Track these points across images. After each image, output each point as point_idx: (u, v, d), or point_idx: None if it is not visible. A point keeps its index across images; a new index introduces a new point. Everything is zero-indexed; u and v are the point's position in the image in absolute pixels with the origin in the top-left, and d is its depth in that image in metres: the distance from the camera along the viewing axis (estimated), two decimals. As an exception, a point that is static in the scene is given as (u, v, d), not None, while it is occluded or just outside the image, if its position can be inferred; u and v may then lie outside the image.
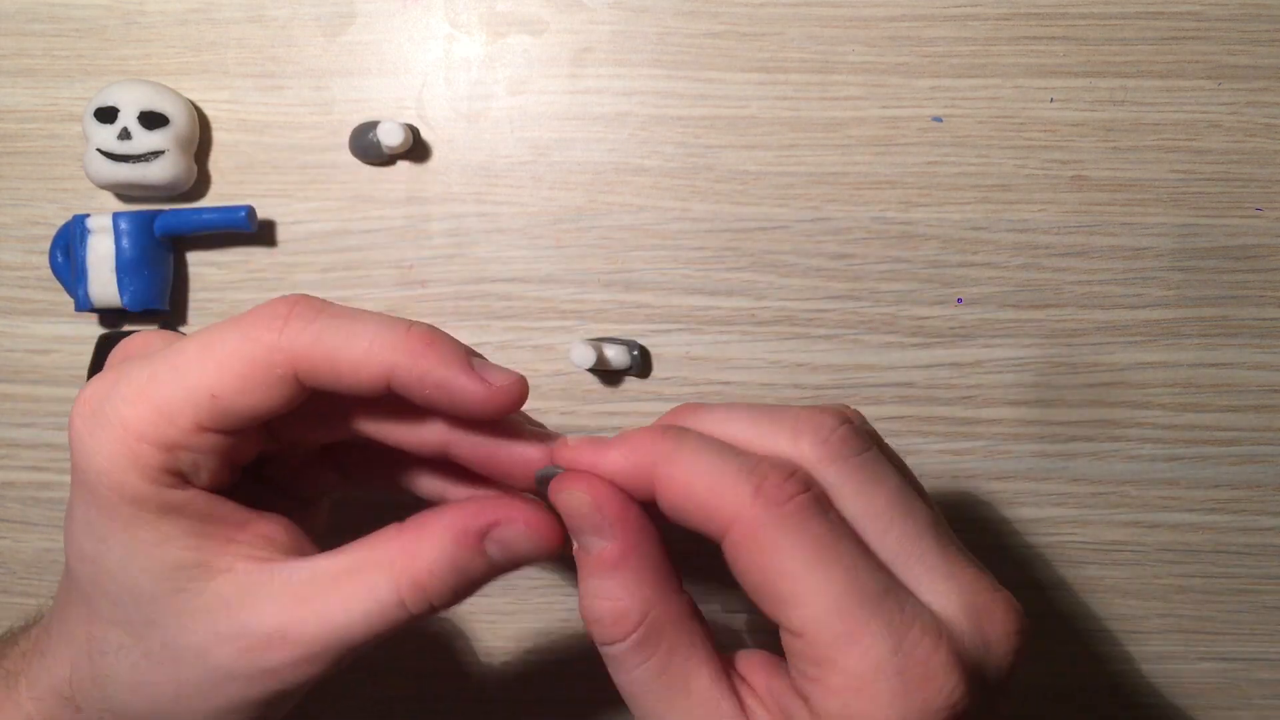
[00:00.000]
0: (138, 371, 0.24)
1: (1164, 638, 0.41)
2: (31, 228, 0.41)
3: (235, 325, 0.24)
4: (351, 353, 0.23)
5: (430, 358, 0.23)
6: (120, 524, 0.24)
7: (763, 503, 0.22)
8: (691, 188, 0.40)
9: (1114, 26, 0.39)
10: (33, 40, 0.40)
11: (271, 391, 0.24)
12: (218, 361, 0.24)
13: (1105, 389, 0.40)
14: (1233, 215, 0.40)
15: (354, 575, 0.25)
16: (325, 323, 0.24)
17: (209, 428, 0.24)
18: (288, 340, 0.23)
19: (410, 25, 0.40)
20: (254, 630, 0.24)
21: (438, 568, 0.24)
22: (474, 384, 0.24)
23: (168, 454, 0.24)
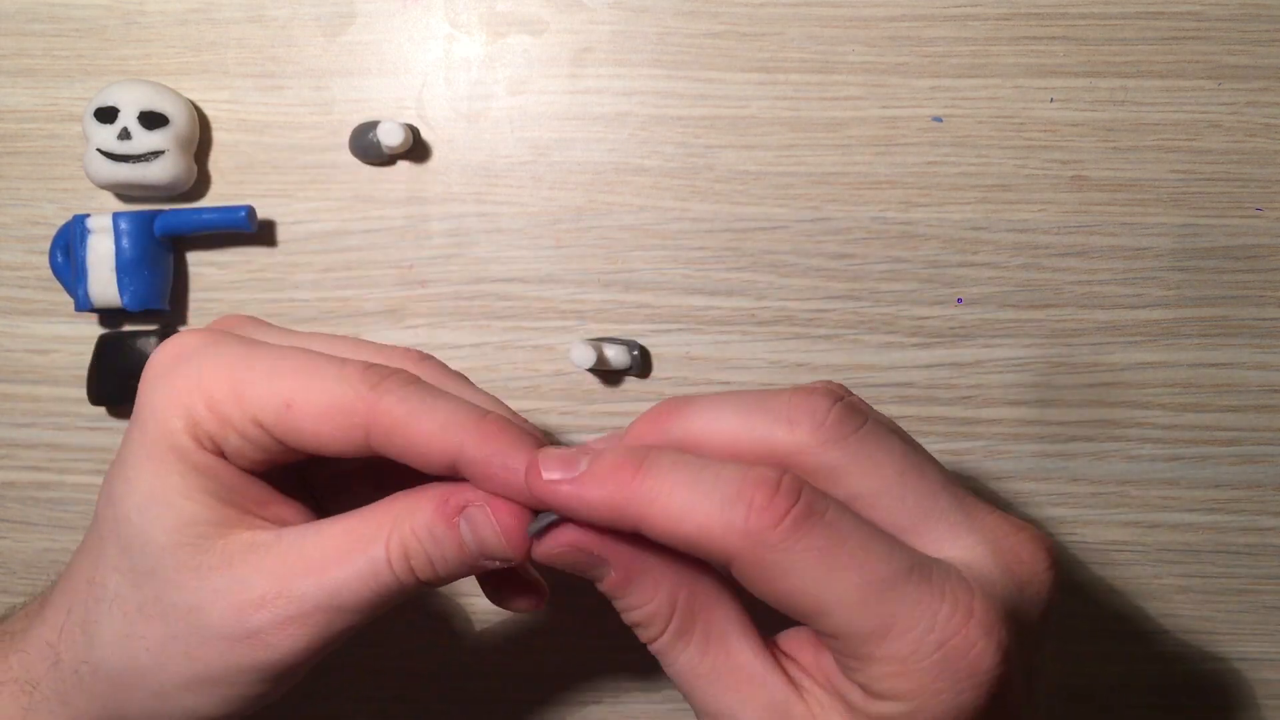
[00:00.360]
0: (238, 348, 0.26)
1: (1164, 638, 0.41)
2: (31, 228, 0.41)
3: (336, 364, 0.25)
4: (427, 426, 0.24)
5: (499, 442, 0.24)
6: (154, 465, 0.25)
7: (756, 532, 0.22)
8: (691, 188, 0.40)
9: (1114, 26, 0.39)
10: (33, 40, 0.40)
11: (338, 435, 0.25)
12: (306, 384, 0.25)
13: (1105, 389, 0.40)
14: (1233, 215, 0.40)
15: (351, 536, 0.25)
16: (412, 394, 0.25)
17: (267, 428, 0.25)
18: (375, 397, 0.24)
19: (410, 25, 0.40)
20: (249, 587, 0.25)
21: (420, 531, 0.25)
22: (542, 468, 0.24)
23: (221, 428, 0.25)
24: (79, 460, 0.41)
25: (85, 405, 0.40)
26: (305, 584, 0.25)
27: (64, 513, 0.41)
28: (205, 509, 0.25)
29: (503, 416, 0.25)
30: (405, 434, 0.24)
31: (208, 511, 0.25)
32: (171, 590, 0.25)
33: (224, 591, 0.25)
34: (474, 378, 0.40)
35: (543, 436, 0.26)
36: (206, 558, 0.25)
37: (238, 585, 0.25)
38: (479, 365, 0.40)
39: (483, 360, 0.40)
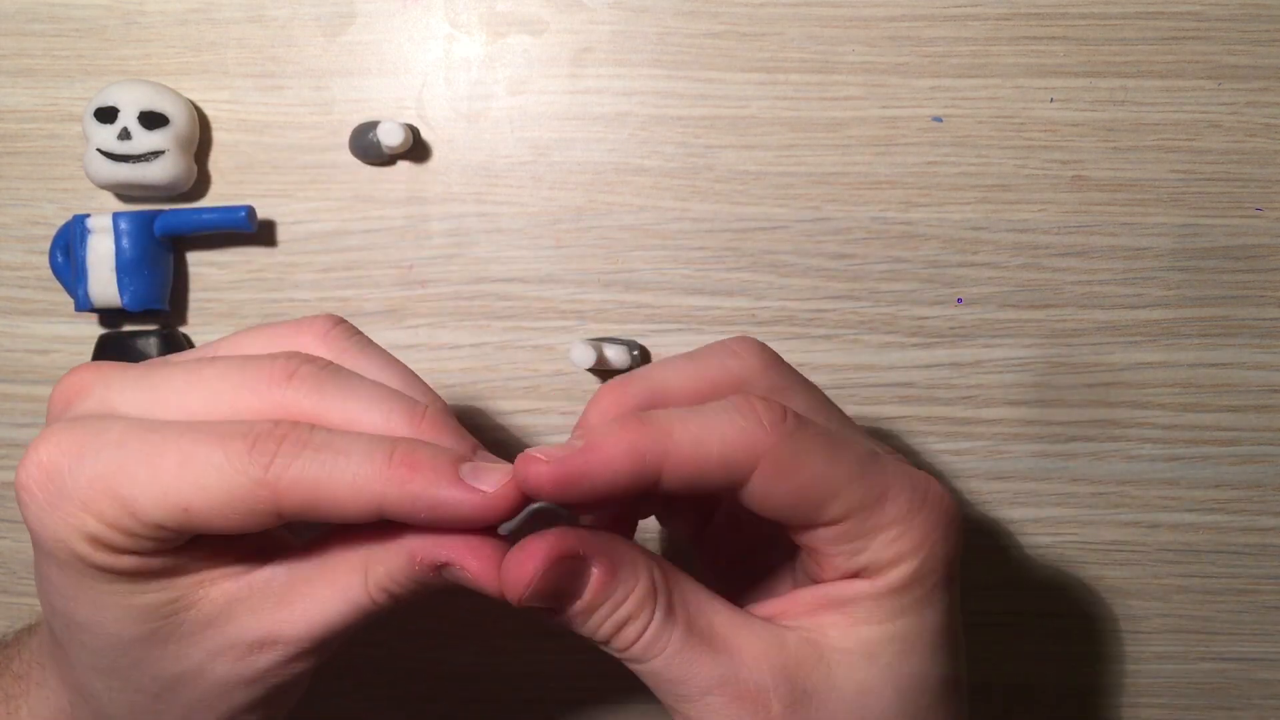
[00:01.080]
0: (107, 455, 0.23)
1: (1164, 638, 0.41)
2: (31, 228, 0.41)
3: (219, 442, 0.23)
4: (338, 492, 0.23)
5: (416, 482, 0.23)
6: (86, 586, 0.24)
7: (775, 430, 0.24)
8: (691, 188, 0.40)
9: (1114, 26, 0.39)
10: (33, 40, 0.40)
11: (248, 520, 0.23)
12: (196, 483, 0.22)
13: (1105, 389, 0.40)
14: (1233, 215, 0.40)
15: (326, 573, 0.25)
16: (310, 459, 0.23)
17: (173, 530, 0.23)
18: (273, 477, 0.22)
19: (410, 25, 0.40)
20: (241, 640, 0.25)
21: (400, 577, 0.25)
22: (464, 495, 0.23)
23: (129, 539, 0.23)
24: (79, 460, 0.41)
25: (85, 405, 0.40)
26: (295, 627, 0.25)
27: (64, 513, 0.41)
28: (159, 593, 0.24)
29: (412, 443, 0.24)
30: (315, 505, 0.23)
31: (162, 594, 0.24)
32: (166, 667, 0.25)
33: (220, 650, 0.25)
34: (474, 378, 0.40)
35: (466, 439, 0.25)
36: (185, 628, 0.24)
37: (230, 640, 0.25)
38: (479, 365, 0.40)
39: (483, 360, 0.40)
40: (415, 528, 0.24)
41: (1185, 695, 0.41)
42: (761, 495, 0.24)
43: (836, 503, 0.24)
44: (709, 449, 0.23)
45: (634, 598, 0.24)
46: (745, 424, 0.24)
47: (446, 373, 0.40)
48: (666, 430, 0.23)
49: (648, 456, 0.23)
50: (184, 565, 0.24)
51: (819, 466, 0.24)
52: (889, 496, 0.25)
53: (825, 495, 0.24)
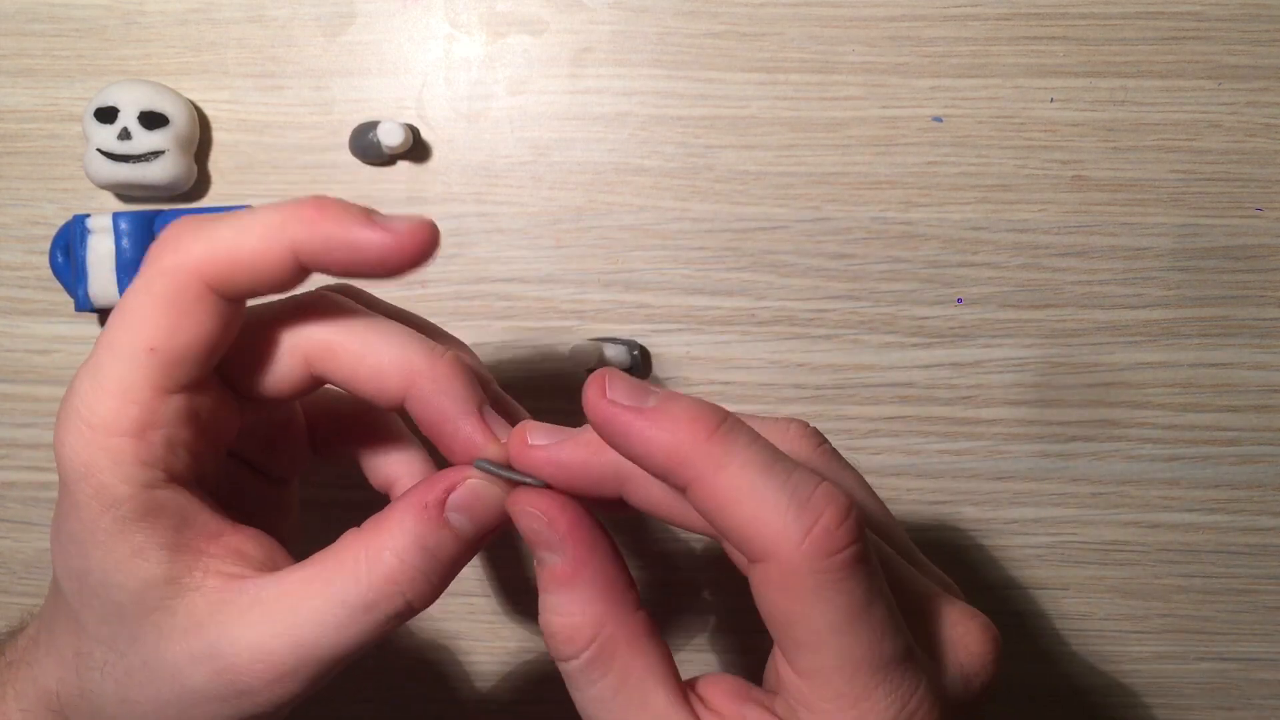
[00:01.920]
0: (84, 373, 0.24)
1: (1164, 638, 0.41)
2: (31, 228, 0.41)
3: (138, 276, 0.24)
4: (248, 243, 0.23)
5: (326, 221, 0.23)
6: (101, 537, 0.24)
7: (811, 550, 0.20)
8: (691, 188, 0.40)
9: (1114, 26, 0.39)
10: (33, 40, 0.40)
11: (198, 316, 0.23)
12: (139, 316, 0.23)
13: (1105, 389, 0.40)
14: (1233, 215, 0.40)
15: (319, 584, 0.24)
16: (211, 228, 0.23)
17: (166, 388, 0.23)
18: (183, 258, 0.23)
19: (410, 25, 0.40)
20: (225, 652, 0.24)
21: (406, 553, 0.24)
22: (378, 234, 0.24)
23: (139, 440, 0.23)
24: (79, 460, 0.41)
25: (85, 405, 0.40)
26: (280, 643, 0.24)
27: (64, 513, 0.41)
28: (159, 565, 0.24)
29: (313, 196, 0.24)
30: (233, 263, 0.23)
31: (161, 568, 0.24)
32: (154, 653, 0.24)
33: (202, 658, 0.24)
34: (474, 378, 0.40)
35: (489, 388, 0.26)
36: (175, 620, 0.24)
37: (213, 650, 0.24)
38: (479, 365, 0.40)
39: (482, 360, 0.40)
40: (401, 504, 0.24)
41: (1185, 695, 0.41)
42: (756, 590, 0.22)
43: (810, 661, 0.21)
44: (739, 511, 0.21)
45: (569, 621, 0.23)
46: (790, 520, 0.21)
47: (446, 373, 0.40)
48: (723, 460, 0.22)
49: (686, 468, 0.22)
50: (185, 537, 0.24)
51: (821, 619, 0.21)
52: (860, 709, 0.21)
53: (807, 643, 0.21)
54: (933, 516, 0.40)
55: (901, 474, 0.40)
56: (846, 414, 0.40)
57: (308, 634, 0.23)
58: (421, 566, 0.24)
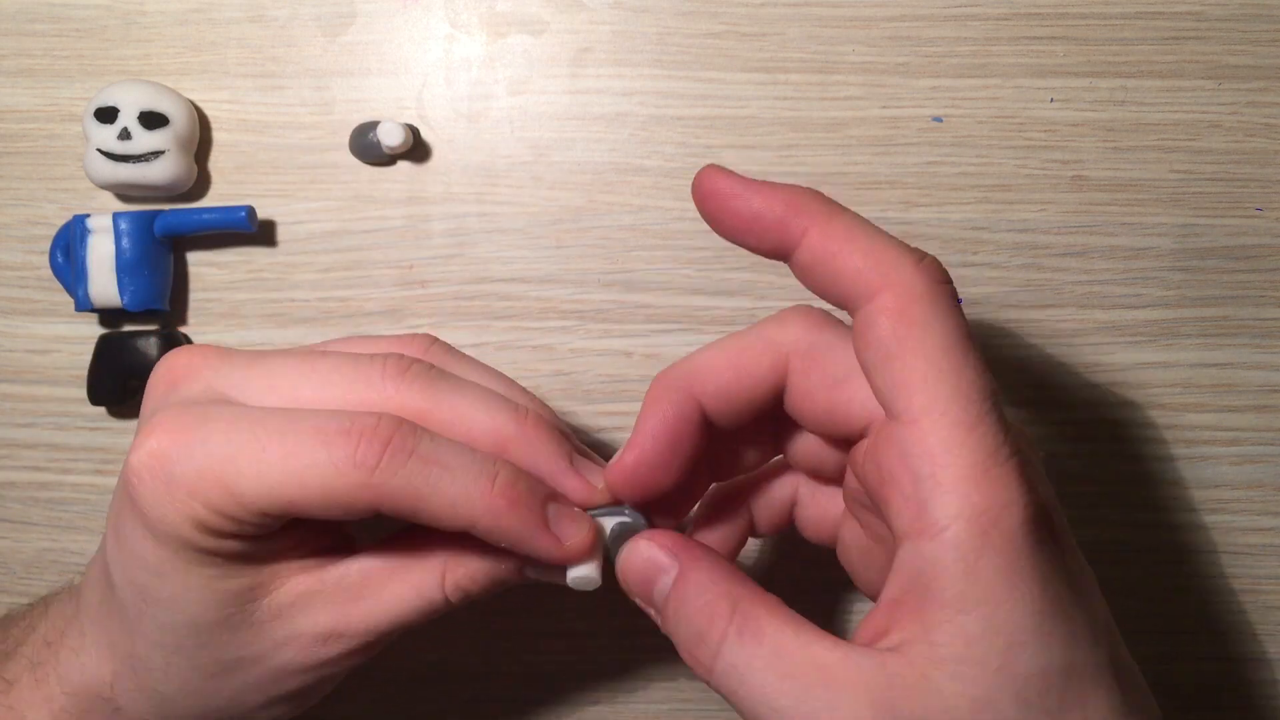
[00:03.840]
0: (215, 444, 0.24)
1: (1164, 638, 0.41)
2: (31, 228, 0.41)
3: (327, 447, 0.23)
4: (436, 505, 0.24)
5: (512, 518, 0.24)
6: (179, 565, 0.25)
7: (927, 273, 0.22)
8: (691, 188, 0.40)
9: (1114, 26, 0.39)
10: (33, 40, 0.40)
11: (348, 513, 0.24)
12: (301, 481, 0.23)
13: (1105, 389, 0.40)
14: (1233, 215, 0.40)
15: (401, 572, 0.26)
16: (416, 468, 0.24)
17: (276, 517, 0.24)
18: (378, 481, 0.23)
19: (410, 25, 0.40)
20: (309, 631, 0.26)
21: (480, 575, 0.26)
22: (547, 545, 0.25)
23: (233, 524, 0.24)
24: (79, 460, 0.41)
25: (85, 405, 0.40)
26: (364, 622, 0.26)
27: (64, 513, 0.41)
28: (242, 580, 0.25)
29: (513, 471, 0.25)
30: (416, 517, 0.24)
31: (246, 580, 0.25)
32: (230, 651, 0.26)
33: (286, 640, 0.26)
34: (474, 378, 0.40)
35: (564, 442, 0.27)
36: (257, 615, 0.26)
37: (298, 631, 0.26)
38: (479, 365, 0.40)
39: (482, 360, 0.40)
40: None
41: (1185, 695, 0.41)
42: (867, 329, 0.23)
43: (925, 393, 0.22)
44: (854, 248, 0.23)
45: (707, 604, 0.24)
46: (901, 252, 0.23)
47: (446, 373, 0.40)
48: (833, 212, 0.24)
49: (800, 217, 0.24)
50: (270, 553, 0.26)
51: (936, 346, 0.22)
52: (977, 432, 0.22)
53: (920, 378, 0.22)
54: (933, 516, 0.40)
55: (901, 474, 0.40)
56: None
57: (386, 614, 0.26)
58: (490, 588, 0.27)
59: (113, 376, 0.39)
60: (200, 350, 0.27)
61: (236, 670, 0.26)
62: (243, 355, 0.26)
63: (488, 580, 0.27)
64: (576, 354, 0.40)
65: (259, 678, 0.26)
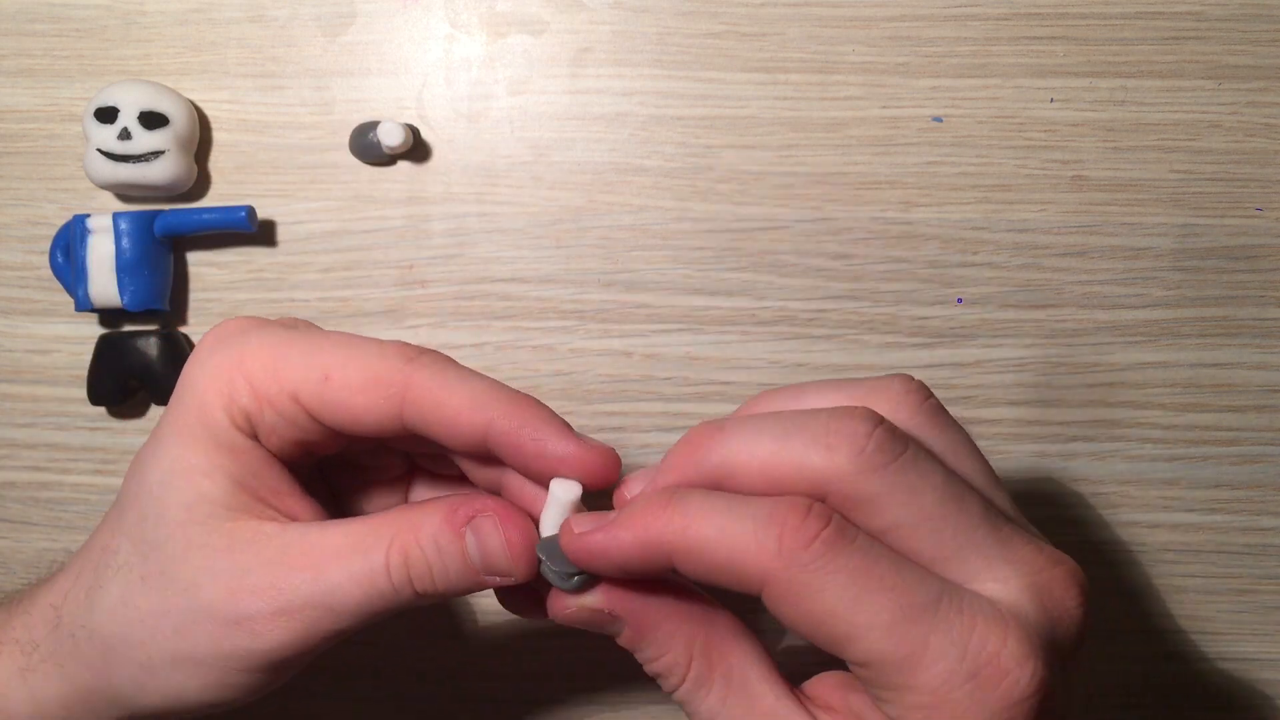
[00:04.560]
0: (280, 331, 0.27)
1: (1164, 638, 0.41)
2: (31, 228, 0.41)
3: (375, 341, 0.26)
4: (457, 400, 0.25)
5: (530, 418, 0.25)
6: (183, 440, 0.26)
7: (788, 553, 0.22)
8: (691, 188, 0.40)
9: (1114, 26, 0.39)
10: (33, 40, 0.40)
11: (373, 408, 0.26)
12: (344, 358, 0.26)
13: (1105, 389, 0.40)
14: (1233, 215, 0.40)
15: (352, 539, 0.26)
16: (449, 373, 0.26)
17: (304, 403, 0.26)
18: (412, 370, 0.25)
19: (410, 25, 0.40)
20: (245, 574, 0.25)
21: (424, 541, 0.25)
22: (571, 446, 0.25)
23: (258, 404, 0.26)
24: (79, 460, 0.41)
25: (85, 405, 0.40)
26: (299, 579, 0.25)
27: (64, 513, 0.41)
28: (221, 490, 0.26)
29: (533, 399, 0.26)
30: (438, 406, 0.25)
31: (223, 493, 0.26)
32: (174, 564, 0.26)
33: (221, 574, 0.25)
34: (474, 378, 0.40)
35: None
36: (212, 538, 0.26)
37: (235, 570, 0.25)
38: (479, 365, 0.40)
39: (483, 360, 0.40)
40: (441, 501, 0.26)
41: (1185, 695, 0.41)
42: (774, 611, 0.23)
43: (855, 647, 0.22)
44: (718, 555, 0.22)
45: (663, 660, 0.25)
46: (760, 538, 0.22)
47: (446, 373, 0.40)
48: (683, 524, 0.23)
49: (661, 546, 0.23)
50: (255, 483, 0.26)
51: (835, 605, 0.22)
52: (927, 659, 0.21)
53: (841, 634, 0.22)
54: (933, 516, 0.40)
55: (901, 474, 0.40)
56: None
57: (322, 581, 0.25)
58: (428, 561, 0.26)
59: (113, 376, 0.39)
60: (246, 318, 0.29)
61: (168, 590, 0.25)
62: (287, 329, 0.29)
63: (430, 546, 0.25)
64: (576, 354, 0.40)
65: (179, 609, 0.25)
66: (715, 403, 0.40)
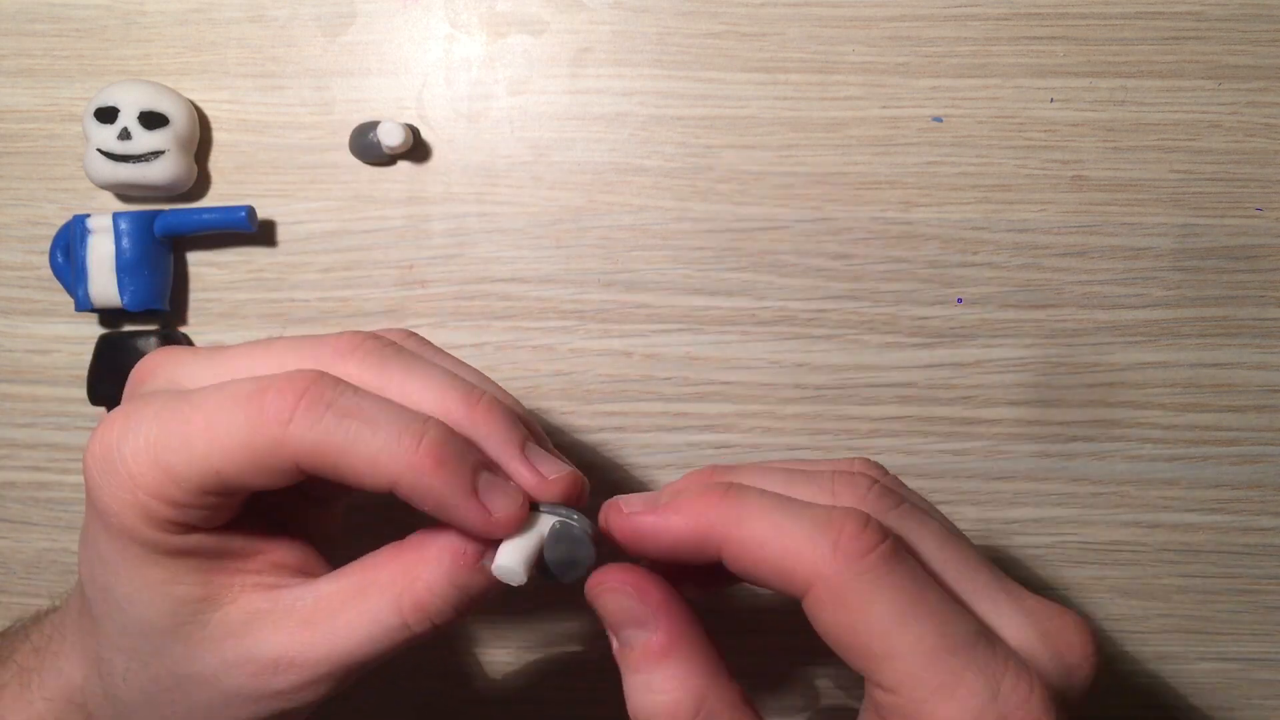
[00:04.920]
0: (146, 425, 0.23)
1: (1164, 638, 0.41)
2: (31, 228, 0.41)
3: (242, 407, 0.23)
4: (356, 461, 0.23)
5: (436, 479, 0.23)
6: (131, 562, 0.24)
7: (844, 558, 0.21)
8: (691, 188, 0.40)
9: (1114, 26, 0.39)
10: (33, 40, 0.40)
11: (275, 476, 0.23)
12: (223, 446, 0.23)
13: (1105, 389, 0.40)
14: (1233, 215, 0.40)
15: (356, 599, 0.25)
16: (332, 423, 0.22)
17: (214, 493, 0.24)
18: (293, 438, 0.22)
19: (410, 25, 0.40)
20: (260, 656, 0.24)
21: (437, 586, 0.24)
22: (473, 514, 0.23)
23: (175, 509, 0.24)
24: (79, 460, 0.41)
25: (85, 405, 0.40)
26: (316, 651, 0.24)
27: (64, 513, 0.41)
28: (194, 587, 0.25)
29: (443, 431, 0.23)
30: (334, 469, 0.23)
31: (198, 589, 0.25)
32: (183, 665, 0.25)
33: (237, 663, 0.25)
34: (474, 378, 0.40)
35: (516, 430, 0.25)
36: (209, 631, 0.25)
37: (248, 654, 0.25)
38: (479, 365, 0.40)
39: (483, 360, 0.40)
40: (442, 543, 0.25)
41: (1185, 695, 0.41)
42: (814, 617, 0.22)
43: (890, 668, 0.21)
44: (769, 551, 0.22)
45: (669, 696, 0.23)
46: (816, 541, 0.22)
47: (446, 373, 0.40)
48: (740, 515, 0.23)
49: (712, 534, 0.23)
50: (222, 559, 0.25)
51: (880, 621, 0.21)
52: (960, 693, 0.21)
53: (879, 651, 0.21)
54: (933, 516, 0.40)
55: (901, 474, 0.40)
56: (847, 414, 0.40)
57: (340, 644, 0.24)
58: (452, 600, 0.24)
59: (113, 376, 0.39)
60: (168, 349, 0.26)
61: (190, 688, 0.25)
62: (207, 349, 0.26)
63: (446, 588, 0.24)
64: (576, 354, 0.40)
65: (211, 700, 0.25)
66: (715, 402, 0.40)
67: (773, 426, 0.40)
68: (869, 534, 0.22)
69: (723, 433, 0.40)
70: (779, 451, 0.40)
